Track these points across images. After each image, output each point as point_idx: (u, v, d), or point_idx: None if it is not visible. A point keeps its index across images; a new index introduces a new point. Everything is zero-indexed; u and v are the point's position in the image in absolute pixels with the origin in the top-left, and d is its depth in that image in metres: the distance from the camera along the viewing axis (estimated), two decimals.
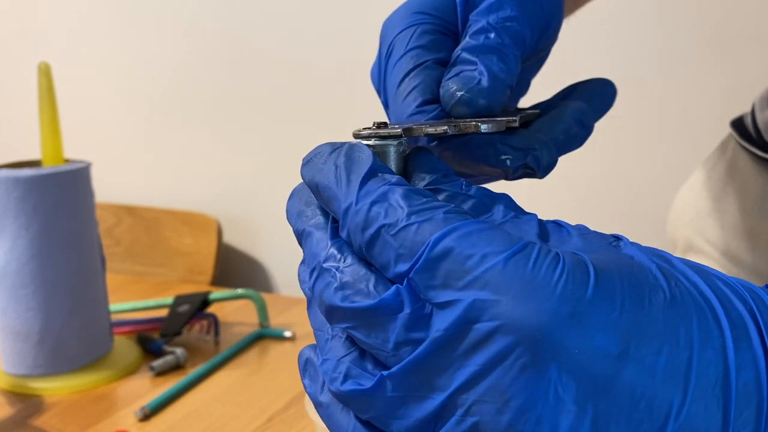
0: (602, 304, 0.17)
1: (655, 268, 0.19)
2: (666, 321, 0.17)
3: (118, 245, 1.13)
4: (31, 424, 0.59)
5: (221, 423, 0.59)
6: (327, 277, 0.21)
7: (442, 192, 0.23)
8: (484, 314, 0.17)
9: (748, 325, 0.18)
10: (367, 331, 0.20)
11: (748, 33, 0.79)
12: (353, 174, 0.21)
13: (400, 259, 0.19)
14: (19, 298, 0.63)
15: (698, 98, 0.84)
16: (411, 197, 0.20)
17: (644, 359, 0.17)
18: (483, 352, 0.17)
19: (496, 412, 0.17)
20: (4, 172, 0.62)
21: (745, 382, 0.17)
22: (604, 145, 0.89)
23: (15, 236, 0.63)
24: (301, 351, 0.24)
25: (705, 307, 0.18)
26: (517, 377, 0.17)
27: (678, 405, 0.17)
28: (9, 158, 0.69)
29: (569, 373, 0.17)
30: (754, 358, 0.17)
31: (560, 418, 0.17)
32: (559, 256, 0.18)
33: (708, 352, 0.17)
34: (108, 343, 0.70)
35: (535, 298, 0.17)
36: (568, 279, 0.17)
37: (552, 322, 0.17)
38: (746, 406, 0.17)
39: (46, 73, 0.66)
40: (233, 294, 0.80)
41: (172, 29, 1.11)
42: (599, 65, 0.87)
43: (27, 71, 0.92)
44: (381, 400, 0.19)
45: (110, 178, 1.14)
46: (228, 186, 1.11)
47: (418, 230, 0.19)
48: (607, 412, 0.17)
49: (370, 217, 0.20)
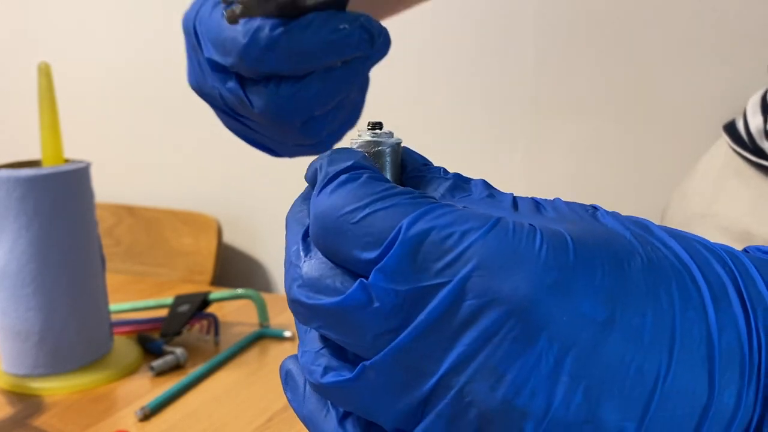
0: (584, 270, 0.17)
1: (630, 234, 0.19)
2: (647, 284, 0.17)
3: (118, 245, 1.13)
4: (31, 424, 0.59)
5: (221, 423, 0.59)
6: (293, 273, 0.20)
7: (423, 177, 0.23)
8: (471, 291, 0.17)
9: (726, 287, 0.18)
10: (338, 329, 0.19)
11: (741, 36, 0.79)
12: (331, 168, 0.21)
13: (366, 247, 0.18)
14: (19, 298, 0.63)
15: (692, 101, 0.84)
16: (372, 184, 0.19)
17: (630, 323, 0.17)
18: (472, 330, 0.17)
19: (490, 389, 0.17)
20: (4, 172, 0.62)
21: (727, 341, 0.17)
22: (603, 145, 0.89)
23: (15, 236, 0.63)
24: (282, 362, 0.23)
25: (682, 270, 0.18)
26: (508, 351, 0.17)
27: (665, 367, 0.17)
28: (9, 158, 0.69)
29: (560, 343, 0.17)
30: (733, 318, 0.18)
31: (554, 389, 0.17)
32: (535, 228, 0.18)
33: (689, 313, 0.17)
34: (108, 343, 0.70)
35: (521, 269, 0.17)
36: (549, 248, 0.17)
37: (539, 292, 0.17)
38: (729, 366, 0.17)
39: (46, 73, 0.66)
40: (233, 294, 0.80)
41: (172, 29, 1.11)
42: (595, 66, 0.87)
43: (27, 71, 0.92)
44: (364, 390, 0.19)
45: (110, 178, 1.14)
46: (228, 186, 1.11)
47: (384, 216, 0.18)
48: (600, 379, 0.17)
49: (330, 206, 0.19)
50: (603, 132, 0.89)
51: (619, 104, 0.88)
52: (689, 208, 0.60)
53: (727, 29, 0.81)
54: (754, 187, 0.54)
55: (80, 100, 1.17)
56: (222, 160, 1.11)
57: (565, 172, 0.91)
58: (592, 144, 0.90)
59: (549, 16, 0.88)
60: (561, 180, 0.92)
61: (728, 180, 0.57)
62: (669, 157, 0.86)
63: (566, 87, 0.90)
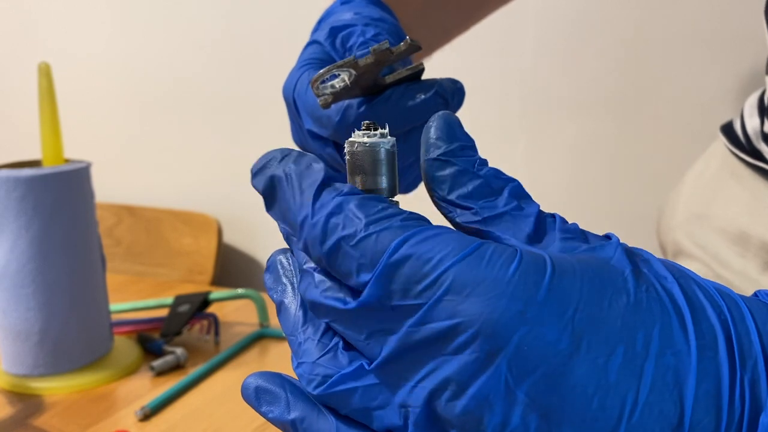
0: (555, 303, 0.18)
1: (629, 271, 0.19)
2: (624, 324, 0.18)
3: (118, 245, 1.14)
4: (31, 424, 0.59)
5: (221, 423, 0.59)
6: (308, 278, 0.22)
7: (451, 165, 0.23)
8: (441, 313, 0.18)
9: (717, 336, 0.18)
10: (343, 327, 0.21)
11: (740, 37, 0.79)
12: (305, 183, 0.22)
13: (362, 268, 0.20)
14: (20, 298, 0.63)
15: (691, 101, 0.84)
16: (366, 206, 0.20)
17: (597, 359, 0.18)
18: (442, 347, 0.18)
19: (453, 398, 0.18)
20: (4, 172, 0.62)
21: (706, 390, 0.18)
22: (602, 145, 0.89)
23: (15, 236, 0.63)
24: (245, 382, 0.23)
25: (672, 314, 0.18)
26: (471, 369, 0.18)
27: (630, 407, 0.17)
28: (9, 158, 0.69)
29: (518, 367, 0.18)
30: (717, 369, 0.18)
31: (511, 408, 0.18)
32: (517, 253, 0.19)
33: (667, 357, 0.18)
34: (108, 343, 0.70)
35: (487, 296, 0.18)
36: (521, 278, 0.18)
37: (502, 319, 0.18)
38: (705, 415, 0.17)
39: (46, 73, 0.66)
40: (233, 294, 0.80)
41: (172, 29, 1.11)
42: (595, 66, 0.87)
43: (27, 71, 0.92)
44: (359, 395, 0.20)
45: (110, 178, 1.14)
46: (228, 186, 1.11)
47: (377, 239, 0.20)
48: (560, 407, 0.18)
49: (328, 229, 0.20)
50: (602, 132, 0.89)
51: (619, 104, 0.88)
52: (686, 209, 0.60)
53: (727, 29, 0.81)
54: (750, 188, 0.54)
55: (80, 100, 1.17)
56: (222, 160, 1.11)
57: (564, 171, 0.91)
58: (591, 144, 0.90)
59: (549, 16, 0.88)
60: (561, 180, 0.92)
61: (725, 181, 0.57)
62: (668, 157, 0.86)
63: (566, 87, 0.90)
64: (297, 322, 0.23)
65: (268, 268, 0.25)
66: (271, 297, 0.24)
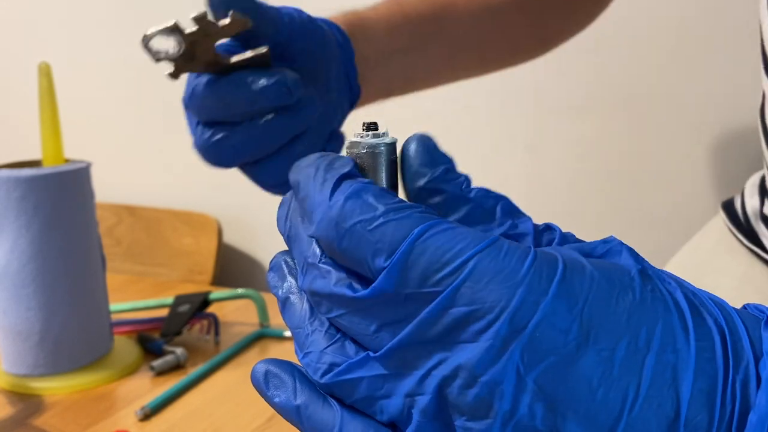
0: (566, 296, 0.19)
1: (636, 271, 0.20)
2: (630, 320, 0.19)
3: (118, 245, 1.14)
4: (31, 424, 0.59)
5: (221, 423, 0.59)
6: (314, 270, 0.22)
7: (440, 193, 0.23)
8: (460, 300, 0.19)
9: (714, 339, 0.19)
10: (351, 318, 0.21)
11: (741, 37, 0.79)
12: (329, 174, 0.22)
13: (378, 254, 0.20)
14: (20, 298, 0.63)
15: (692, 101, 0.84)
16: (384, 196, 0.21)
17: (602, 351, 0.18)
18: (457, 334, 0.19)
19: (466, 386, 0.19)
20: (4, 172, 0.62)
21: (701, 388, 0.18)
22: (602, 145, 0.89)
23: (15, 236, 0.63)
24: (255, 367, 0.24)
25: (675, 315, 0.19)
26: (487, 356, 0.19)
27: (630, 401, 0.18)
28: (9, 158, 0.69)
29: (530, 355, 0.18)
30: (713, 369, 0.19)
31: (521, 395, 0.18)
32: (530, 250, 0.20)
33: (668, 354, 0.19)
34: (108, 342, 0.70)
35: (506, 284, 0.19)
36: (536, 271, 0.19)
37: (520, 306, 0.19)
38: (700, 410, 0.18)
39: (46, 73, 0.66)
40: (233, 294, 0.80)
41: None
42: (595, 66, 0.87)
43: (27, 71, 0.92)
44: (365, 383, 0.21)
45: (110, 178, 1.14)
46: (228, 186, 1.11)
47: (398, 225, 0.20)
48: (565, 397, 0.18)
49: (344, 212, 0.21)
50: (603, 132, 0.89)
51: (619, 104, 0.88)
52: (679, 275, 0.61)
53: (727, 29, 0.81)
54: (744, 264, 0.55)
55: (80, 100, 1.17)
56: None
57: (565, 171, 0.91)
58: (592, 144, 0.90)
59: None
60: (561, 180, 0.92)
61: (720, 256, 0.58)
62: (669, 158, 0.86)
63: (567, 87, 0.90)
64: (304, 315, 0.23)
65: (272, 267, 0.25)
66: (276, 294, 0.25)
